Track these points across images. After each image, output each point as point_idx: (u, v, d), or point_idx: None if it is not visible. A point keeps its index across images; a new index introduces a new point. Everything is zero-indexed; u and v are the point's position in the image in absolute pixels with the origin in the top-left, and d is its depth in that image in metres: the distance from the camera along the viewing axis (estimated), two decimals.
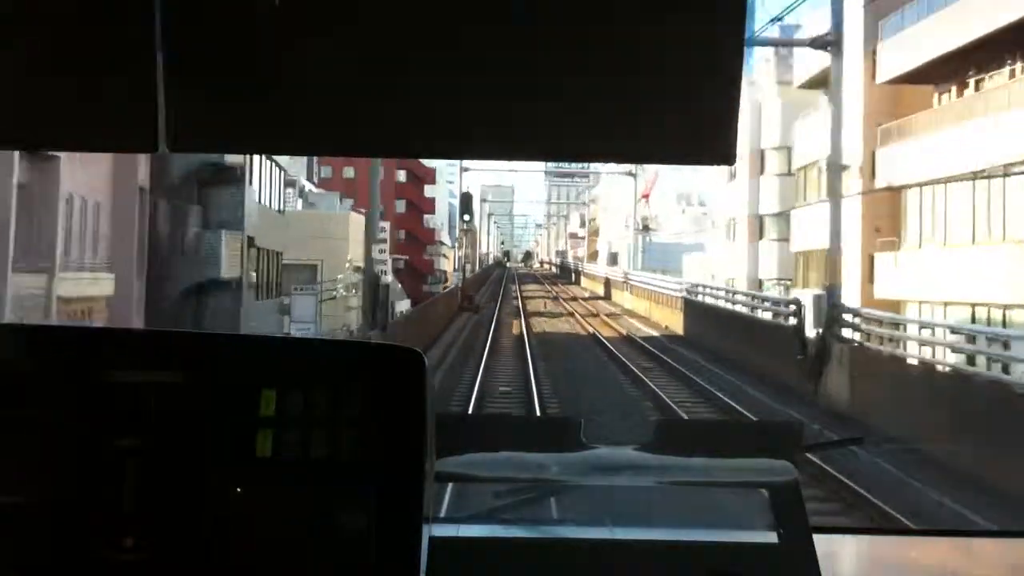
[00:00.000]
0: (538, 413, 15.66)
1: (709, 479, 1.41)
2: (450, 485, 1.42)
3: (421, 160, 54.90)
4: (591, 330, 33.91)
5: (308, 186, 49.34)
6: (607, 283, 61.40)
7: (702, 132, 0.87)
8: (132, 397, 1.08)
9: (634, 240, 65.53)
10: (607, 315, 42.13)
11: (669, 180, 69.08)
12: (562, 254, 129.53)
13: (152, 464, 1.07)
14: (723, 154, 0.87)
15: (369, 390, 1.10)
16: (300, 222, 37.52)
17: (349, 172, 77.40)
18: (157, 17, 0.81)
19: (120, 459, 1.06)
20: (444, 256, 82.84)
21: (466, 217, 42.30)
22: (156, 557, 1.04)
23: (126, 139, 0.89)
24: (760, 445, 1.43)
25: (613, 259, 78.92)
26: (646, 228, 67.97)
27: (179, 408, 1.08)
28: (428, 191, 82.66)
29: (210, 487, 1.07)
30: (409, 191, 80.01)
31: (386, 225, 48.36)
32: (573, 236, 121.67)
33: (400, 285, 58.57)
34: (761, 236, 39.95)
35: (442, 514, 1.45)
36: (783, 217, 37.57)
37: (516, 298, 54.27)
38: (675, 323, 35.52)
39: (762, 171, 39.58)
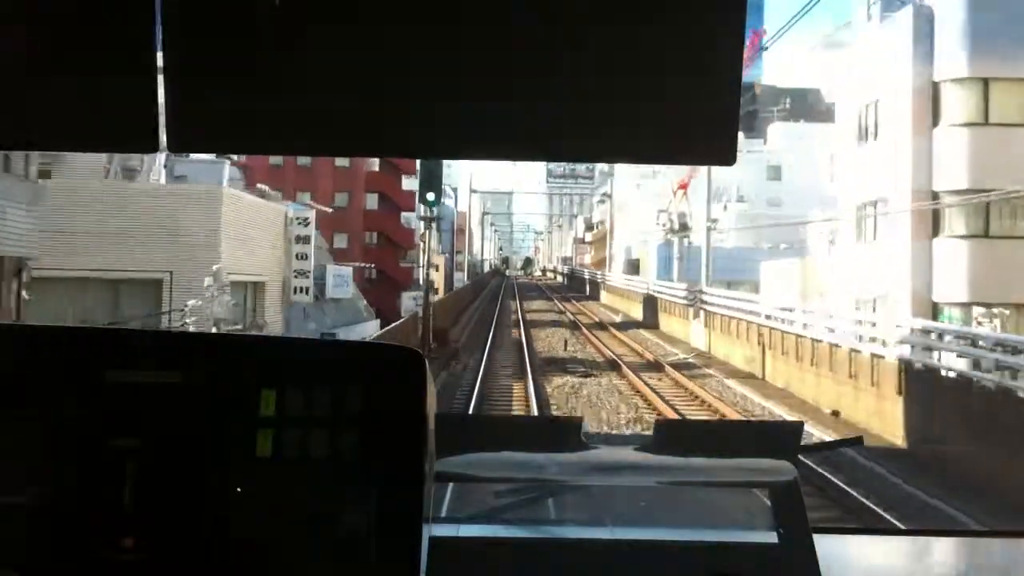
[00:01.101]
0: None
1: (709, 479, 1.38)
2: (450, 485, 1.40)
3: None
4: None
5: (198, 155, 32.59)
6: (651, 303, 43.04)
7: (702, 132, 0.87)
8: (132, 397, 1.08)
9: (679, 243, 49.34)
10: (682, 369, 23.40)
11: (701, 170, 53.28)
12: (568, 261, 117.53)
13: (152, 464, 1.07)
14: (723, 154, 0.87)
15: (369, 390, 1.09)
16: (103, 199, 21.11)
17: (304, 159, 61.36)
18: (157, 17, 0.82)
19: (120, 459, 1.06)
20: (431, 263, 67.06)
21: (430, 196, 23.43)
22: (156, 557, 1.04)
23: (126, 139, 0.89)
24: (760, 445, 1.40)
25: (633, 267, 63.70)
26: (684, 228, 51.50)
27: (179, 408, 1.08)
28: (407, 183, 66.52)
29: (210, 487, 1.07)
30: (382, 182, 63.73)
31: (310, 215, 31.39)
32: (581, 241, 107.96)
33: (364, 302, 42.88)
34: (936, 231, 23.33)
35: (442, 514, 1.45)
36: (979, 197, 21.27)
37: (518, 326, 36.85)
38: (889, 424, 15.64)
39: (936, 121, 23.01)
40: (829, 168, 31.50)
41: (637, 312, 45.84)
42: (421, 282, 61.53)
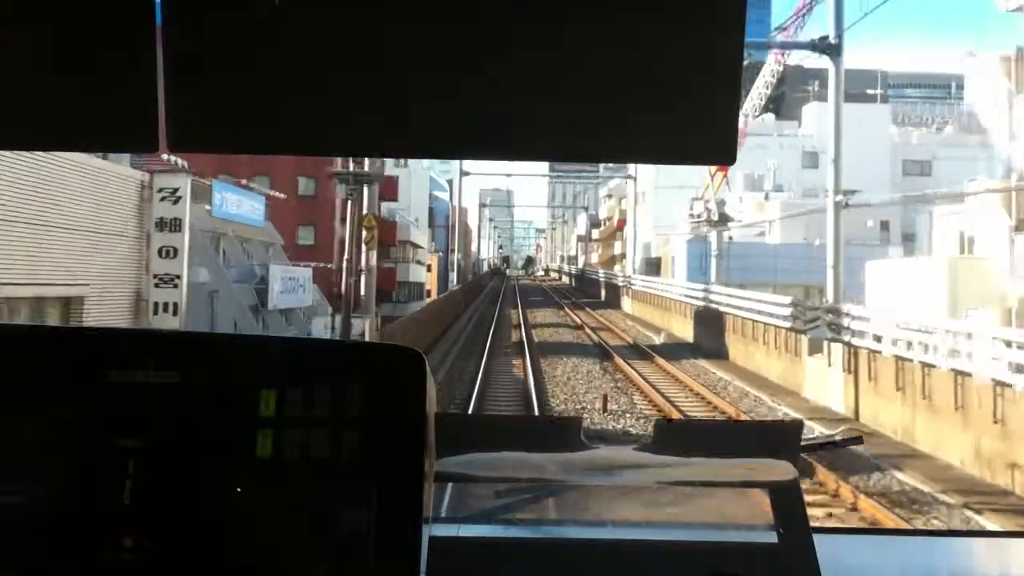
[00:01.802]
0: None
1: (709, 479, 1.39)
2: (450, 485, 1.40)
3: None
4: None
5: None
6: (707, 319, 30.66)
7: (702, 132, 0.87)
8: (132, 397, 1.09)
9: (718, 238, 40.23)
10: (843, 471, 12.21)
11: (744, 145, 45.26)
12: (574, 260, 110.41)
13: (152, 464, 1.07)
14: (723, 154, 0.88)
15: (369, 390, 1.10)
16: None
17: None
18: (157, 17, 0.82)
19: (120, 459, 1.07)
20: (419, 263, 56.87)
21: None
22: (156, 557, 1.05)
23: (126, 139, 0.89)
24: (760, 445, 1.40)
25: (653, 267, 54.69)
26: (723, 220, 41.89)
27: (179, 408, 1.09)
28: (389, 168, 55.86)
29: (210, 487, 1.07)
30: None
31: (181, 185, 20.46)
32: (588, 239, 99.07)
33: (331, 310, 34.01)
34: None
35: (442, 514, 1.45)
36: None
37: (522, 354, 25.24)
38: None
39: None
40: (1006, 122, 21.15)
41: (683, 330, 33.90)
42: (411, 285, 51.12)
